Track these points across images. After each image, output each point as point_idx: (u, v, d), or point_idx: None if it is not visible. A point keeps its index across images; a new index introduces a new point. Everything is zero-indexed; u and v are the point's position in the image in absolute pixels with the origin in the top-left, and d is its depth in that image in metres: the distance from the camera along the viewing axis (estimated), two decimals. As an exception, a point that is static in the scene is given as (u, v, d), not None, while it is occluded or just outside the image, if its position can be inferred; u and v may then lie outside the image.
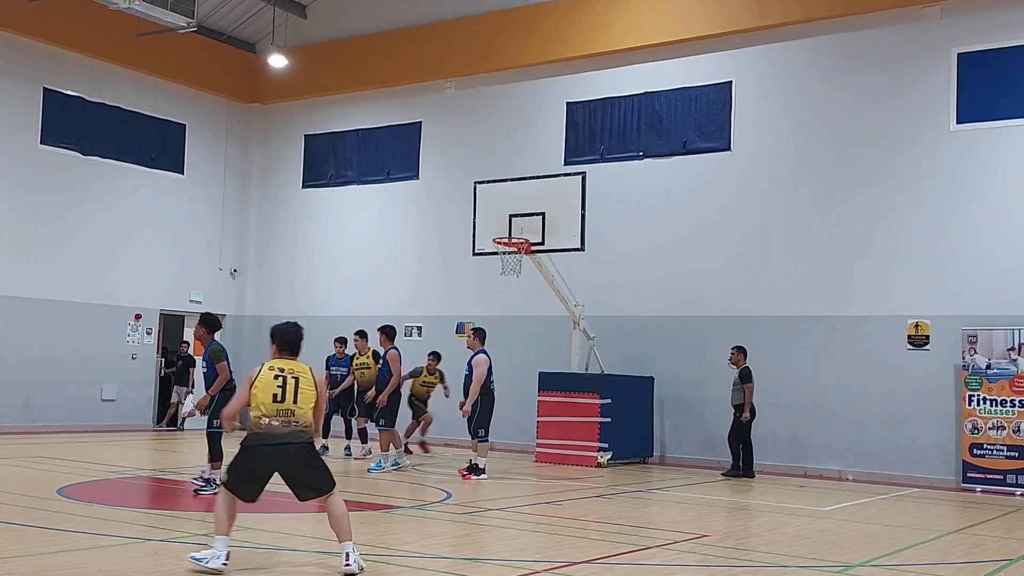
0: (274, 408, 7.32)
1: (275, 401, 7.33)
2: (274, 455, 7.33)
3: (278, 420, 7.32)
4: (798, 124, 17.51)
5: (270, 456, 7.33)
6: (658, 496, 13.34)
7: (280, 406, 7.33)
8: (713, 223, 18.04)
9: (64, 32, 20.27)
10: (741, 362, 15.86)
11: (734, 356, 15.94)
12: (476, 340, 14.36)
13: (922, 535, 10.40)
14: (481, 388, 13.95)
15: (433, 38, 21.35)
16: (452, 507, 11.24)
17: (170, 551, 8.10)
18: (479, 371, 13.98)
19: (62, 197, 20.51)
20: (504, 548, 8.90)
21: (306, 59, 22.83)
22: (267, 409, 7.32)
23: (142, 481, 13.46)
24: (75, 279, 20.69)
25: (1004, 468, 14.83)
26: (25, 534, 8.44)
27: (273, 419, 7.31)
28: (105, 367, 20.94)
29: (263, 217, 23.91)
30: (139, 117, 21.88)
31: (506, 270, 16.65)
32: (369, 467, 14.69)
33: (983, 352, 15.14)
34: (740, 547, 9.34)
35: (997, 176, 15.80)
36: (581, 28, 19.46)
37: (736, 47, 18.08)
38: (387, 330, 15.16)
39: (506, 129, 20.49)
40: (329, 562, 7.83)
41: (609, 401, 16.59)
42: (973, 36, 16.11)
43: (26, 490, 11.24)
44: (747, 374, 15.73)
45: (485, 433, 14.10)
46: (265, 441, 7.30)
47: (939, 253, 16.08)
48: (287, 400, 7.35)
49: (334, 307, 22.13)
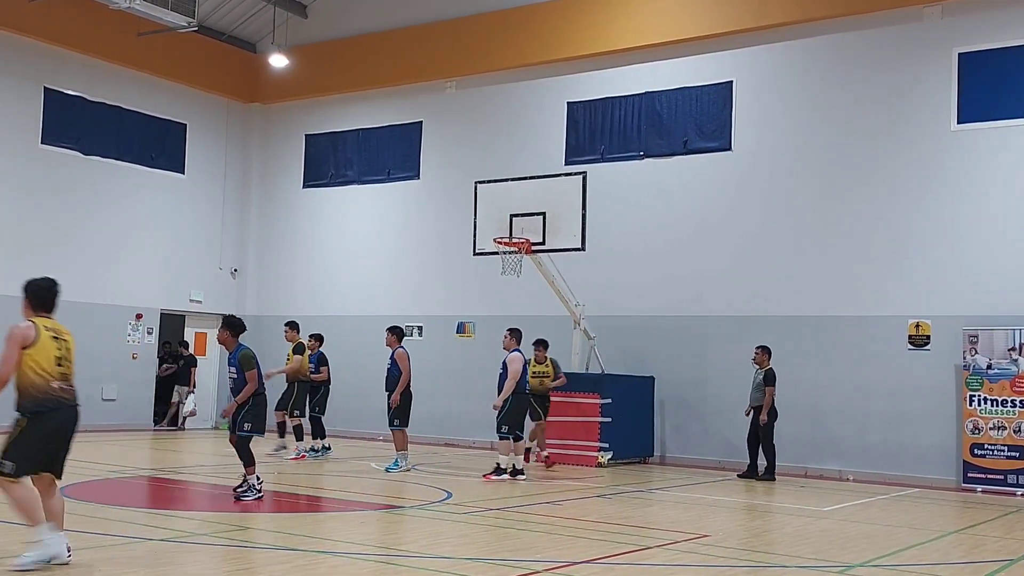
0: (58, 372, 7.09)
1: (59, 365, 7.10)
2: (74, 419, 7.16)
3: (65, 384, 7.14)
4: (799, 124, 17.51)
5: (73, 420, 7.18)
6: (658, 496, 13.34)
7: (62, 370, 7.12)
8: (713, 223, 18.04)
9: (65, 32, 20.27)
10: (765, 363, 15.57)
11: (758, 356, 15.65)
12: (512, 340, 14.41)
13: (923, 535, 10.40)
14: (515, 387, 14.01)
15: (434, 38, 21.36)
16: (453, 507, 11.23)
17: (171, 551, 8.10)
18: (514, 367, 13.99)
19: (63, 197, 20.51)
20: (505, 548, 8.90)
21: (307, 59, 22.83)
22: (54, 373, 7.07)
23: (142, 481, 13.46)
24: (76, 279, 20.63)
25: (1005, 468, 14.83)
26: (26, 534, 8.43)
27: (62, 383, 7.11)
28: (106, 367, 20.91)
29: (263, 217, 23.91)
30: (140, 117, 21.88)
31: (507, 270, 16.65)
32: (386, 467, 14.78)
33: (984, 352, 15.13)
34: (741, 547, 9.34)
35: (998, 176, 15.80)
36: (582, 28, 19.46)
37: (737, 47, 18.08)
38: (395, 330, 15.29)
39: (507, 129, 20.50)
40: (330, 561, 7.83)
41: (609, 401, 16.59)
42: (974, 36, 16.10)
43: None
44: (771, 376, 15.44)
45: (508, 431, 14.03)
46: (66, 404, 7.11)
47: (940, 253, 16.07)
48: (67, 365, 7.18)
49: (334, 307, 22.15)
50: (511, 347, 14.35)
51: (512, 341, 14.42)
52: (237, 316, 12.01)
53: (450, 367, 20.32)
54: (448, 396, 20.09)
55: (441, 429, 20.04)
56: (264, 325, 22.60)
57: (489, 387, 16.30)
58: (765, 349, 15.71)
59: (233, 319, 11.59)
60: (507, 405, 14.02)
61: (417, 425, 19.65)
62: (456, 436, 19.97)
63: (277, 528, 9.39)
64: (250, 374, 11.21)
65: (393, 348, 15.02)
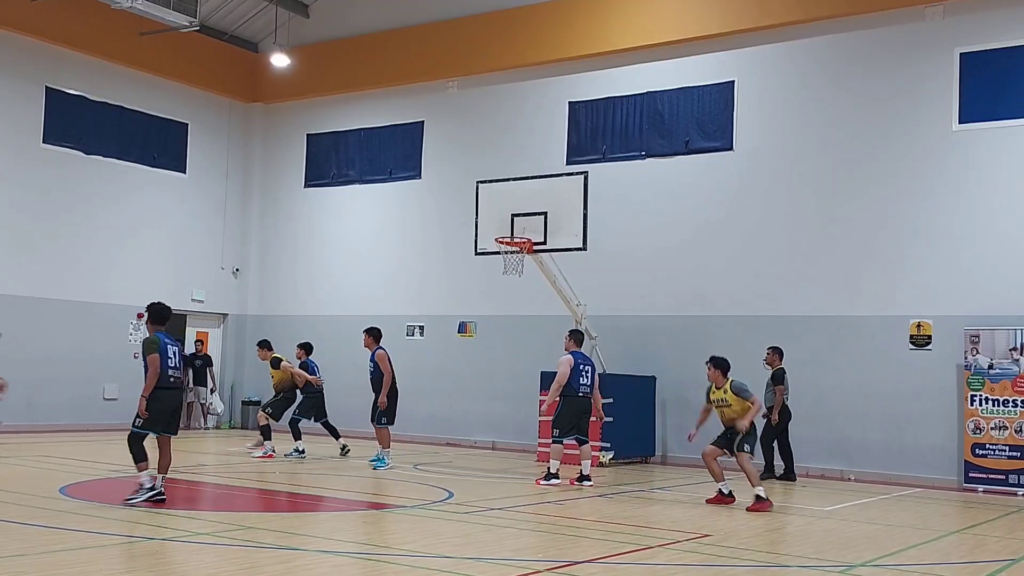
0: None
1: None
2: None
3: None
4: (800, 124, 17.51)
5: None
6: (660, 496, 13.34)
7: None
8: (715, 223, 18.03)
9: (67, 31, 20.28)
10: (776, 363, 15.45)
11: (769, 357, 15.53)
12: (571, 342, 14.02)
13: (924, 535, 10.39)
14: (564, 389, 13.57)
15: (435, 37, 21.36)
16: (454, 506, 11.24)
17: (172, 550, 8.10)
18: (561, 370, 13.57)
19: (64, 196, 20.52)
20: (506, 548, 8.90)
21: (308, 58, 22.84)
22: None
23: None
24: (77, 278, 20.70)
25: (1006, 468, 14.82)
26: (27, 533, 8.45)
27: None
28: (107, 366, 20.94)
29: (265, 216, 23.92)
30: (141, 116, 21.89)
31: (508, 270, 16.64)
32: (374, 464, 14.84)
33: (985, 352, 15.13)
34: (742, 547, 9.34)
35: (999, 176, 15.79)
36: (583, 28, 19.46)
37: (738, 47, 18.08)
38: (372, 332, 15.39)
39: (508, 128, 20.50)
40: (331, 560, 7.83)
41: (611, 400, 16.56)
42: (976, 36, 16.09)
43: (28, 489, 11.26)
44: (780, 376, 15.32)
45: (560, 434, 13.66)
46: None
47: (941, 253, 16.07)
48: None
49: (336, 306, 22.16)
50: (569, 348, 13.93)
51: (571, 343, 14.03)
52: None
53: (451, 367, 20.34)
54: (449, 396, 20.11)
55: (442, 429, 20.07)
56: (266, 325, 22.60)
57: (490, 387, 16.36)
58: (777, 350, 15.57)
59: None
60: (559, 408, 13.67)
61: (418, 425, 19.77)
62: (457, 436, 19.98)
63: (278, 528, 9.39)
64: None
65: (372, 350, 15.02)
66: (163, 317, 10.68)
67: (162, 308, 10.74)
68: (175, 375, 10.52)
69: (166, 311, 10.73)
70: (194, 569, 7.40)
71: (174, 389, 10.58)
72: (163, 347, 10.38)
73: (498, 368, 19.83)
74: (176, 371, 10.53)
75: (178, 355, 10.58)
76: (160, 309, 10.71)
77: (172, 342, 10.57)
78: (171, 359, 10.41)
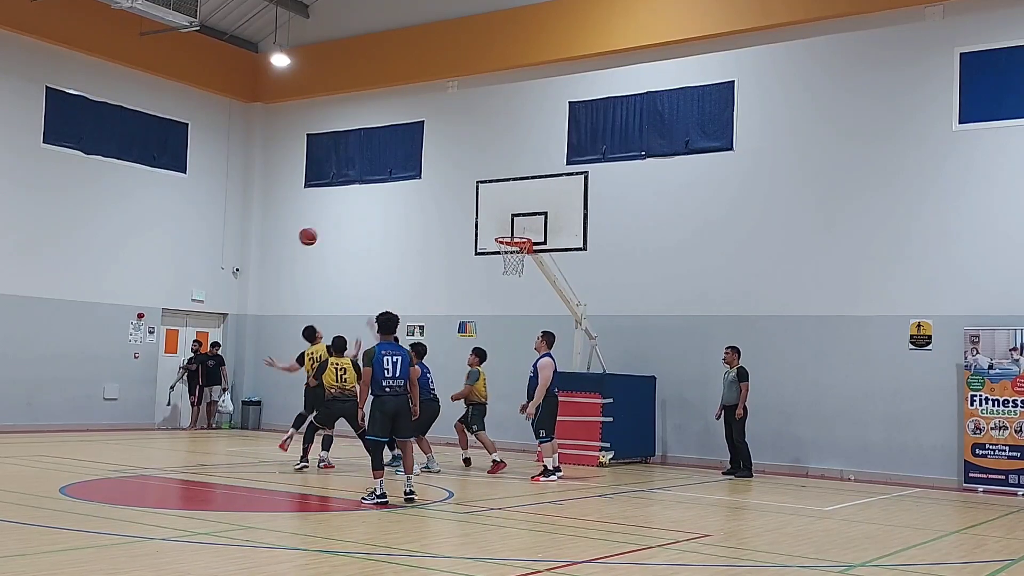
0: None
1: None
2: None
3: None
4: (800, 124, 17.51)
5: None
6: (659, 496, 13.34)
7: None
8: (715, 223, 18.03)
9: (67, 31, 20.29)
10: (735, 362, 15.92)
11: (728, 356, 16.01)
12: (543, 343, 14.40)
13: (924, 535, 10.39)
14: None
15: (435, 37, 21.36)
16: (453, 506, 11.24)
17: (172, 550, 8.10)
18: (545, 374, 14.01)
19: (64, 196, 20.53)
20: (505, 547, 8.90)
21: (308, 58, 22.84)
22: None
23: (144, 480, 13.45)
24: (77, 278, 20.71)
25: (1006, 468, 14.82)
26: (27, 533, 8.46)
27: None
28: (107, 366, 20.96)
29: (265, 216, 23.92)
30: (141, 116, 21.90)
31: (508, 270, 16.65)
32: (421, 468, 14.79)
33: (985, 352, 15.13)
34: (742, 547, 9.34)
35: (1000, 176, 15.79)
36: (583, 28, 19.46)
37: (738, 47, 18.08)
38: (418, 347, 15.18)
39: (508, 128, 20.50)
40: (331, 560, 7.83)
41: (611, 400, 16.60)
42: (976, 36, 16.09)
43: (28, 489, 11.26)
44: (744, 373, 15.78)
45: (547, 434, 14.10)
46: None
47: (941, 253, 16.07)
48: None
49: (336, 306, 22.13)
50: (542, 350, 14.32)
51: (543, 344, 14.37)
52: None
53: (452, 367, 20.28)
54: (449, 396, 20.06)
55: (443, 428, 20.03)
56: (266, 325, 22.62)
57: (491, 387, 16.33)
58: (735, 349, 16.07)
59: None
60: (540, 409, 14.04)
61: (418, 425, 19.74)
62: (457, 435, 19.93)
63: (279, 527, 9.39)
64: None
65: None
66: (390, 327, 11.11)
67: (388, 318, 11.14)
68: (390, 384, 10.91)
69: (391, 321, 11.12)
70: (193, 569, 7.39)
71: (393, 396, 10.93)
72: (378, 358, 10.87)
73: (498, 368, 19.80)
74: (393, 380, 10.91)
75: (398, 365, 10.94)
76: (387, 319, 11.12)
77: (393, 351, 10.98)
78: (387, 369, 10.88)
